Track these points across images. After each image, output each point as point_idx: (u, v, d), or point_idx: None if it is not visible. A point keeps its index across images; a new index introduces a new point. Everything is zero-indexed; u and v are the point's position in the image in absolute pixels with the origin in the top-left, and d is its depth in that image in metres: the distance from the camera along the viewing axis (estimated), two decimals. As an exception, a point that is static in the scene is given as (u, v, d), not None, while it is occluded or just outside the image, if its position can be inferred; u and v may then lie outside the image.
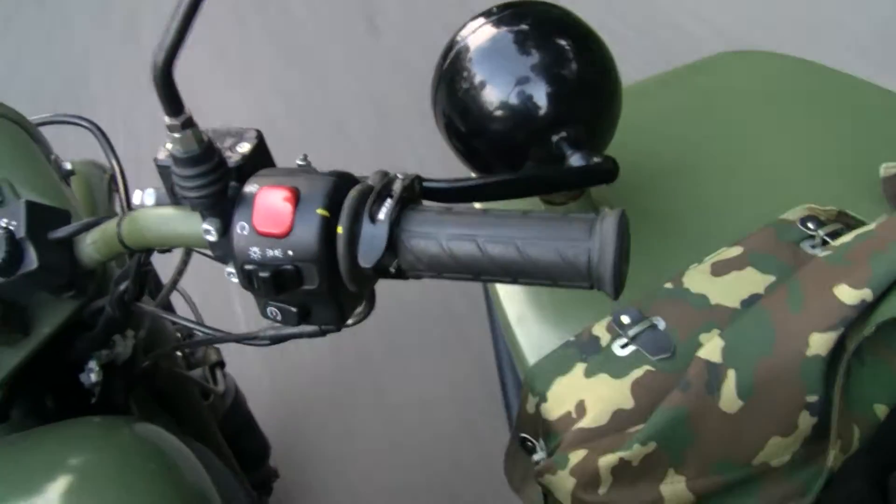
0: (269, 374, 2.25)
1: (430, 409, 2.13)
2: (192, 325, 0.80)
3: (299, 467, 2.08)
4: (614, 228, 0.53)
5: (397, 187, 0.60)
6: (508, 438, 0.94)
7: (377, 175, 0.62)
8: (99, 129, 1.06)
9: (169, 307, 1.54)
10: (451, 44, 0.96)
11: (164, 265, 1.11)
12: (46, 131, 1.07)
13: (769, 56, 1.27)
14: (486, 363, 1.18)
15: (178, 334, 1.25)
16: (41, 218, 0.74)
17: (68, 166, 1.02)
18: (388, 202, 0.58)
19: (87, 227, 0.74)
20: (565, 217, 0.56)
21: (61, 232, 0.74)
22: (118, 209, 1.28)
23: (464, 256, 0.56)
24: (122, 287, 0.79)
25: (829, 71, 1.20)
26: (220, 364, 1.41)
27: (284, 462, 1.96)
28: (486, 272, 0.56)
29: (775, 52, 1.27)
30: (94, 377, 0.87)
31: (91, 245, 0.74)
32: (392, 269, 0.58)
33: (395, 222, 0.57)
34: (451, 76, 0.94)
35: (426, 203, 0.62)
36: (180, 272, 0.84)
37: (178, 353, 1.26)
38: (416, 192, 0.63)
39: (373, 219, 0.57)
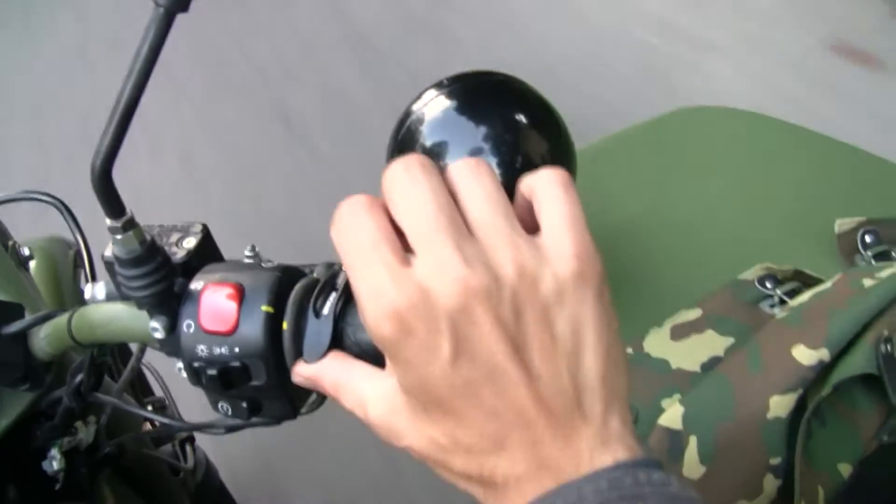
0: (240, 442, 2.23)
1: (414, 478, 2.11)
2: (149, 416, 0.80)
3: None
4: None
5: (342, 280, 0.60)
6: None
7: (322, 267, 0.62)
8: (63, 204, 1.05)
9: (137, 381, 1.54)
10: (405, 115, 0.96)
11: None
12: (8, 209, 1.07)
13: (725, 111, 1.29)
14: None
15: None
16: None
17: (26, 251, 1.02)
18: (333, 296, 0.58)
19: (40, 322, 0.74)
20: None
21: (14, 327, 0.73)
22: (83, 286, 1.27)
23: None
24: (78, 379, 0.79)
25: (785, 125, 1.21)
26: (190, 439, 1.40)
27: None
28: None
29: (731, 107, 1.28)
30: (56, 465, 0.86)
31: (44, 339, 0.73)
32: None
33: (340, 316, 0.57)
34: (404, 147, 0.94)
35: None
36: (138, 360, 0.83)
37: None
38: None
39: (317, 314, 0.57)
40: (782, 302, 0.91)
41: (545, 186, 0.47)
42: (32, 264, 1.12)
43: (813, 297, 0.86)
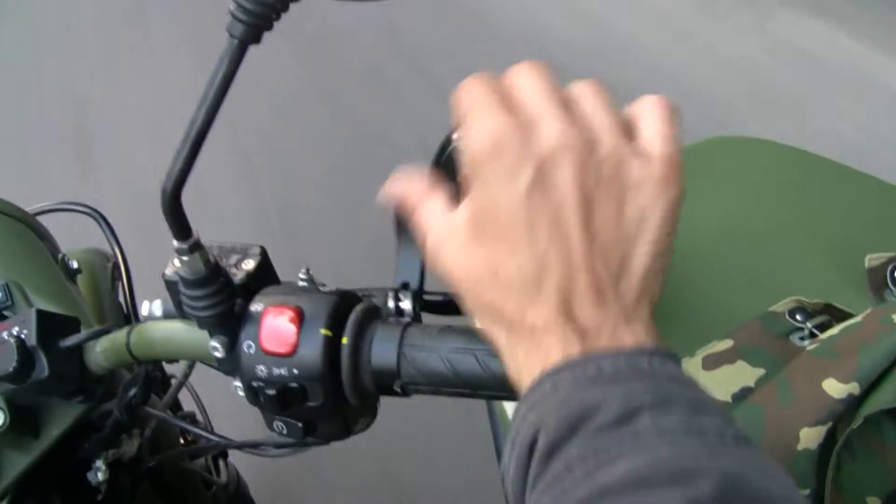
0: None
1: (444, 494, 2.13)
2: (197, 432, 0.82)
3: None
4: None
5: (400, 305, 0.62)
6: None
7: (379, 292, 0.64)
8: (101, 215, 1.07)
9: (176, 404, 1.56)
10: (447, 141, 0.98)
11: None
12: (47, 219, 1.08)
13: (760, 143, 1.30)
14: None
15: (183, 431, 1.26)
16: (51, 326, 0.76)
17: (75, 265, 1.04)
18: (391, 320, 0.61)
19: (97, 336, 0.76)
20: None
21: (71, 340, 0.76)
22: (121, 298, 1.29)
23: (464, 371, 0.57)
24: (131, 393, 0.81)
25: (818, 159, 1.23)
26: (223, 454, 1.42)
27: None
28: (485, 386, 0.58)
29: (766, 138, 1.30)
30: (101, 476, 0.88)
31: (100, 353, 0.76)
32: (395, 387, 0.60)
33: (399, 339, 0.60)
34: (447, 173, 0.96)
35: (426, 321, 0.64)
36: (186, 376, 0.85)
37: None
38: (417, 309, 0.66)
39: (377, 337, 0.60)
40: (812, 335, 0.92)
41: (649, 106, 0.51)
42: (79, 277, 1.15)
43: (843, 330, 0.88)
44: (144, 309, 0.71)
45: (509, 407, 1.00)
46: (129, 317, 1.01)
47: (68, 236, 1.16)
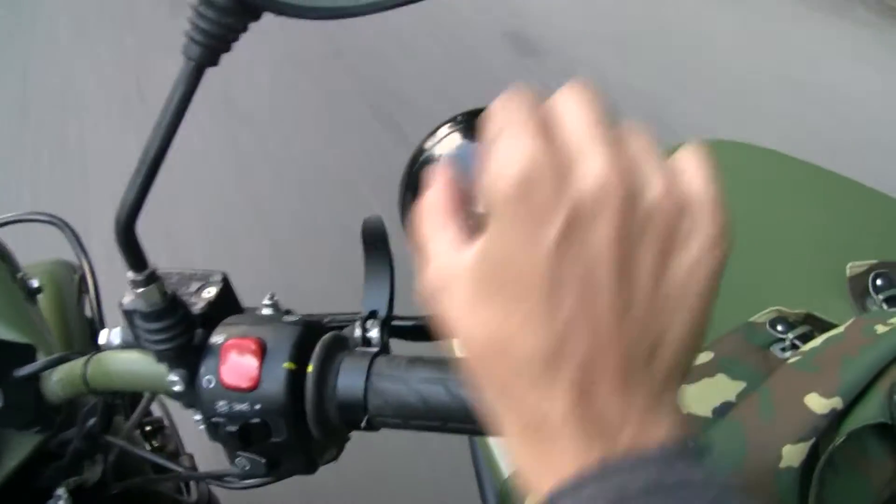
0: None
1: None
2: (160, 463, 0.79)
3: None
4: None
5: (367, 335, 0.60)
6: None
7: (343, 315, 0.62)
8: (68, 225, 1.04)
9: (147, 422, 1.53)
10: (419, 152, 0.96)
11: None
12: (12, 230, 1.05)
13: (738, 146, 1.28)
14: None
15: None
16: (5, 355, 0.73)
17: (35, 283, 1.01)
18: (358, 350, 0.58)
19: (53, 364, 0.73)
20: None
21: (26, 370, 0.73)
22: (88, 311, 1.26)
23: (433, 401, 0.55)
24: (90, 423, 0.78)
25: (797, 162, 1.21)
26: (193, 471, 1.39)
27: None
28: (455, 418, 0.55)
29: (746, 142, 1.28)
30: (63, 504, 0.85)
31: (57, 383, 0.73)
32: (362, 421, 0.58)
33: (367, 369, 0.57)
34: (418, 185, 0.94)
35: (397, 348, 0.62)
36: (148, 402, 0.83)
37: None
38: (385, 339, 0.63)
39: (343, 368, 0.57)
40: (794, 346, 0.91)
41: (693, 156, 0.42)
42: (40, 297, 1.12)
43: (825, 342, 0.86)
44: (102, 338, 0.69)
45: (497, 449, 0.98)
46: (96, 333, 0.98)
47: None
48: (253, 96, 3.75)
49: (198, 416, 0.60)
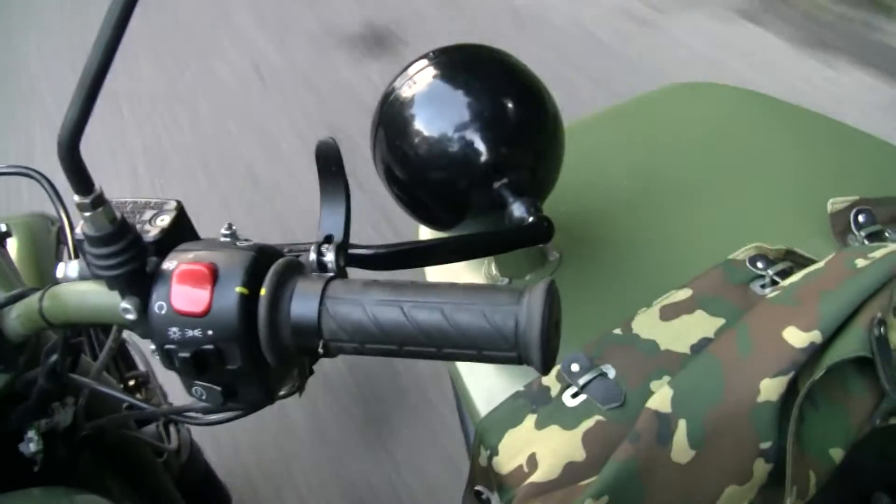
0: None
1: (395, 449, 2.11)
2: (124, 399, 0.78)
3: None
4: (543, 295, 0.52)
5: (322, 259, 0.59)
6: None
7: (301, 245, 0.60)
8: (47, 179, 1.03)
9: (120, 356, 1.52)
10: (389, 90, 0.94)
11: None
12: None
13: (717, 88, 1.26)
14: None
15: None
16: None
17: (2, 227, 0.99)
18: (314, 275, 0.57)
19: (10, 301, 0.72)
20: (494, 286, 0.54)
21: None
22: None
23: (388, 323, 0.54)
24: (52, 360, 0.77)
25: (777, 102, 1.19)
26: (174, 419, 1.38)
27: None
28: (412, 341, 0.54)
29: (723, 83, 1.26)
30: (33, 447, 0.84)
31: (15, 319, 0.71)
32: (317, 346, 0.56)
33: (321, 292, 0.56)
34: (389, 123, 0.92)
35: (352, 277, 0.60)
36: (115, 340, 0.81)
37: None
38: (341, 262, 0.62)
39: (296, 292, 0.56)
40: (774, 283, 0.89)
41: None
42: (11, 241, 1.10)
43: (805, 277, 0.85)
44: (59, 271, 0.67)
45: (473, 390, 0.97)
46: None
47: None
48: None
49: (153, 346, 0.59)
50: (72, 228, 1.04)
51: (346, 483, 2.07)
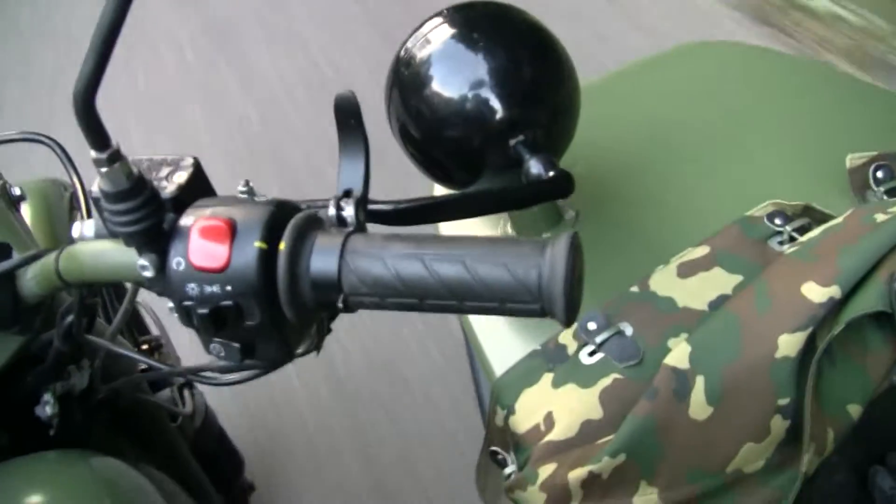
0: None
1: (408, 416, 2.12)
2: (141, 359, 0.78)
3: (275, 476, 2.07)
4: (566, 247, 0.51)
5: (341, 213, 0.58)
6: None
7: (320, 201, 0.60)
8: (59, 145, 1.03)
9: (133, 320, 1.52)
10: (404, 47, 0.94)
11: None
12: (5, 150, 1.04)
13: (730, 45, 1.26)
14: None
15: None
16: None
17: (17, 191, 0.99)
18: (333, 230, 0.57)
19: (28, 262, 0.72)
20: (516, 239, 0.54)
21: (0, 267, 0.71)
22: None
23: (409, 276, 0.53)
24: (68, 321, 0.77)
25: (792, 58, 1.19)
26: (188, 383, 1.39)
27: (260, 472, 1.95)
28: (433, 294, 0.54)
29: (736, 41, 1.25)
30: (49, 410, 0.84)
31: (32, 280, 0.71)
32: (336, 300, 0.56)
33: (341, 247, 0.55)
34: (404, 81, 0.92)
35: (372, 230, 0.60)
36: (131, 301, 0.81)
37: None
38: (361, 217, 0.61)
39: (316, 246, 0.55)
40: (792, 239, 0.88)
41: None
42: (25, 205, 1.10)
43: (823, 232, 0.84)
44: (76, 230, 0.67)
45: (489, 350, 0.97)
46: None
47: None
48: None
49: (171, 304, 0.59)
50: (85, 193, 1.04)
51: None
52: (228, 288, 0.55)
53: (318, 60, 3.41)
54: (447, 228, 1.09)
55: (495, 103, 0.87)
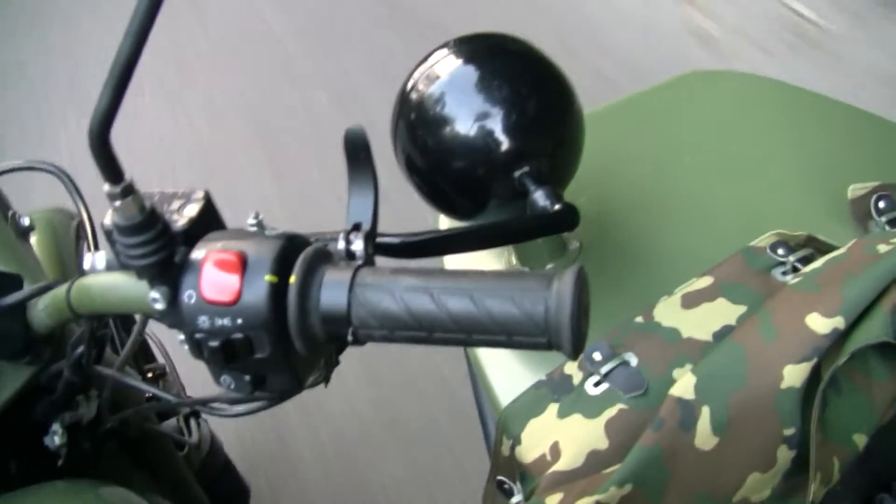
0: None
1: (415, 445, 2.11)
2: (150, 390, 0.78)
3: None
4: (572, 281, 0.52)
5: (350, 247, 0.59)
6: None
7: (329, 234, 0.60)
8: (65, 173, 1.04)
9: (142, 352, 1.53)
10: (409, 79, 0.95)
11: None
12: (11, 179, 1.05)
13: (732, 75, 1.26)
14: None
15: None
16: None
17: (26, 222, 1.00)
18: (342, 263, 0.57)
19: (39, 293, 0.72)
20: (522, 273, 0.55)
21: (12, 298, 0.72)
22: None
23: (418, 310, 0.54)
24: (78, 352, 0.77)
25: (795, 89, 1.19)
26: (195, 413, 1.39)
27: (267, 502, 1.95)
28: (441, 327, 0.54)
29: (743, 71, 1.26)
30: (58, 440, 0.84)
31: (43, 311, 0.72)
32: (346, 333, 0.57)
33: (350, 280, 0.56)
34: (410, 112, 0.93)
35: (380, 263, 0.61)
36: (140, 332, 0.81)
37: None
38: (370, 251, 0.62)
39: (326, 280, 0.56)
40: (795, 269, 0.89)
41: None
42: (33, 235, 1.11)
43: (826, 263, 0.84)
44: (87, 262, 0.68)
45: (494, 381, 0.97)
46: None
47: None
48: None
49: (181, 336, 0.59)
50: (91, 223, 1.04)
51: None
52: (239, 321, 0.55)
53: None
54: (452, 258, 1.10)
55: (500, 135, 0.87)
